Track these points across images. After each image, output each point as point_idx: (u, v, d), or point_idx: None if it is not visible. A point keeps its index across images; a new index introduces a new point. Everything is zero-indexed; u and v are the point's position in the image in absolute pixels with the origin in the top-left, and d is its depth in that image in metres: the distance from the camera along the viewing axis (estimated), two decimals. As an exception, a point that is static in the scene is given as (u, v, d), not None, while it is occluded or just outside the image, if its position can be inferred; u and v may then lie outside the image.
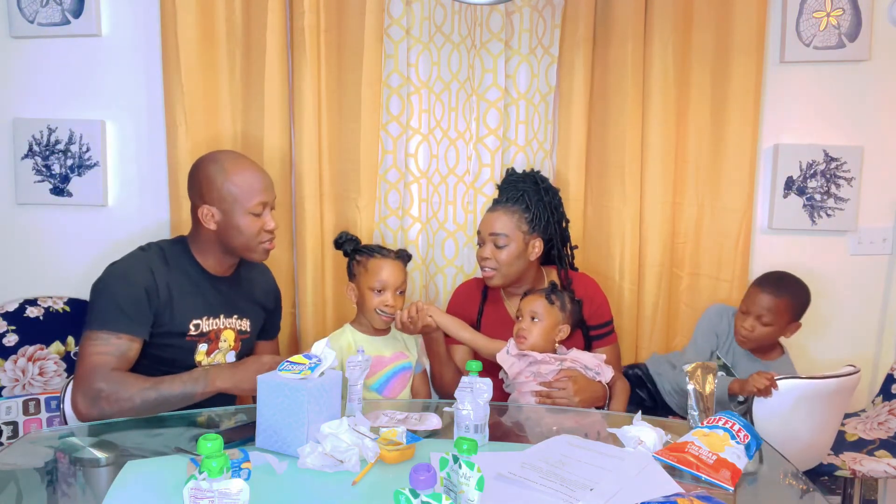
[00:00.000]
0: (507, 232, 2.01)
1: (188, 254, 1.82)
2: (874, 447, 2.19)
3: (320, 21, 2.28)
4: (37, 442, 1.53)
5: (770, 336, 2.08)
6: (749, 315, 2.07)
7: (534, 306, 1.93)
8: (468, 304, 2.14)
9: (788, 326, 2.08)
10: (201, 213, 1.77)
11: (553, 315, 1.93)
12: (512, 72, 2.39)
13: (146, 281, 1.70)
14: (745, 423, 1.50)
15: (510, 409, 1.86)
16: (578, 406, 1.86)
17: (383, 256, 1.97)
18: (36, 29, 2.29)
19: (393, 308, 1.94)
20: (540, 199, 2.07)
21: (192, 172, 1.81)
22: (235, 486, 1.06)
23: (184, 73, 2.22)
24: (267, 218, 1.80)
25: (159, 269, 1.74)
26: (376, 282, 1.94)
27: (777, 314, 2.05)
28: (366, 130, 2.32)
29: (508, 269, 2.03)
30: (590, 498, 1.24)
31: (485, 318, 2.11)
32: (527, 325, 1.93)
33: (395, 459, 1.39)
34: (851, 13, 2.41)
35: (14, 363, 2.21)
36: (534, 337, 1.92)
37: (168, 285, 1.74)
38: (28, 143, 2.34)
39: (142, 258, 1.76)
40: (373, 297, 1.94)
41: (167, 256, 1.79)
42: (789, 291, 2.08)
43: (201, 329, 1.78)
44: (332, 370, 1.48)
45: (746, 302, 2.10)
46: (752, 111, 2.39)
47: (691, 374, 1.68)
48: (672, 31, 2.34)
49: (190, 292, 1.77)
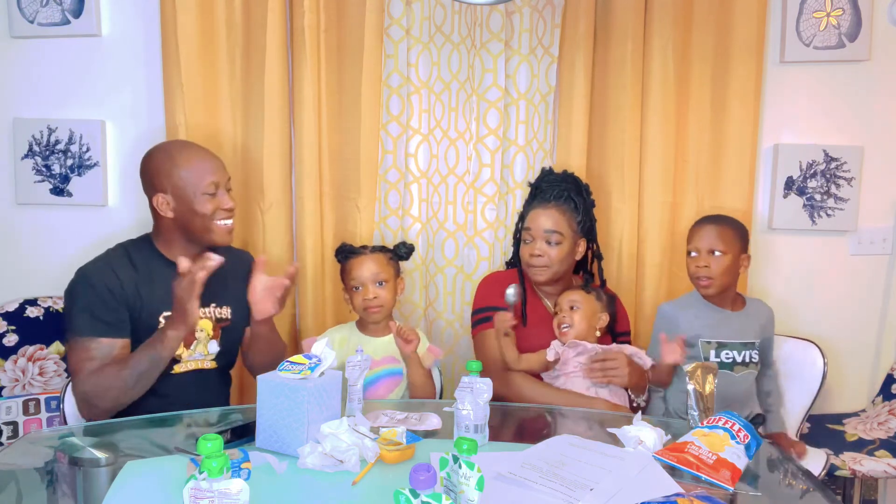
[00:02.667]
0: (561, 230, 2.04)
1: (152, 248, 1.84)
2: (874, 447, 2.19)
3: (320, 21, 2.28)
4: (37, 442, 1.53)
5: (729, 270, 2.02)
6: (700, 253, 2.03)
7: (572, 297, 2.00)
8: (506, 286, 2.08)
9: (741, 257, 2.05)
10: (156, 202, 1.79)
11: (591, 303, 2.00)
12: (512, 72, 2.39)
13: (108, 281, 1.72)
14: (745, 423, 1.50)
15: (510, 409, 1.86)
16: (626, 385, 1.91)
17: (356, 255, 2.03)
18: (36, 29, 2.29)
19: (375, 299, 1.97)
20: (584, 200, 2.12)
21: (142, 166, 1.84)
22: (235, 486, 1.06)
23: (184, 73, 2.22)
24: (223, 198, 1.82)
25: (122, 267, 1.76)
26: (352, 280, 2.01)
27: (727, 242, 2.02)
28: (366, 130, 2.32)
29: (560, 267, 2.06)
30: (590, 498, 1.24)
31: (529, 313, 2.09)
32: (567, 314, 1.97)
33: (395, 459, 1.39)
34: (851, 13, 2.41)
35: (14, 363, 2.21)
36: (577, 324, 1.96)
37: (134, 282, 1.75)
38: (28, 143, 2.34)
39: (104, 260, 1.79)
40: (354, 295, 2.01)
41: (131, 254, 1.81)
42: (728, 221, 2.08)
43: None
44: (332, 370, 1.48)
45: (692, 241, 2.06)
46: (752, 111, 2.40)
47: (691, 374, 1.68)
48: (672, 31, 2.34)
49: (156, 286, 1.77)
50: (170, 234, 1.83)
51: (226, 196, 1.83)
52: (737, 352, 2.05)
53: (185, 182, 1.77)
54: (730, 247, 2.02)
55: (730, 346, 2.05)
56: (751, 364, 2.07)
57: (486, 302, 2.11)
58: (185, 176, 1.77)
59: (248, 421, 1.49)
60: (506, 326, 1.92)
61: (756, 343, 2.08)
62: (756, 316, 2.11)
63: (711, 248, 2.02)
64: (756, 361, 2.08)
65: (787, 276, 2.52)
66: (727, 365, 2.04)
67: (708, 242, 2.02)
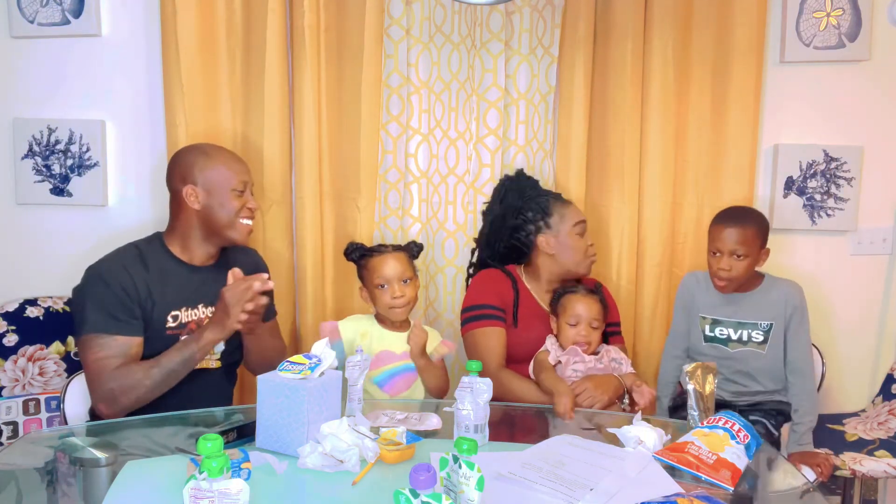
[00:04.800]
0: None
1: (163, 248, 1.86)
2: (874, 447, 2.19)
3: (320, 21, 2.28)
4: (37, 442, 1.53)
5: (749, 269, 2.05)
6: (722, 254, 2.04)
7: (593, 313, 2.00)
8: (501, 286, 2.14)
9: (761, 253, 2.07)
10: (185, 193, 1.83)
11: (604, 318, 2.05)
12: (512, 72, 2.39)
13: (122, 280, 1.74)
14: (745, 423, 1.50)
15: (510, 409, 1.86)
16: (609, 402, 1.89)
17: (380, 253, 2.03)
18: (36, 29, 2.29)
19: (402, 297, 1.97)
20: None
21: (174, 160, 1.90)
22: (235, 486, 1.06)
23: (184, 73, 2.22)
24: (249, 197, 1.89)
25: (134, 266, 1.77)
26: (378, 278, 1.99)
27: (749, 244, 2.03)
28: (366, 130, 2.32)
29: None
30: (590, 498, 1.24)
31: (521, 310, 2.11)
32: (587, 332, 1.99)
33: (395, 459, 1.39)
34: (851, 13, 2.41)
35: (14, 363, 2.21)
36: (594, 344, 2.00)
37: (145, 281, 1.76)
38: (28, 143, 2.34)
39: (116, 258, 1.80)
40: (380, 293, 1.99)
41: (142, 253, 1.82)
42: (752, 219, 2.07)
43: (180, 320, 1.80)
44: (332, 370, 1.48)
45: (715, 242, 2.06)
46: (752, 111, 2.39)
47: (691, 374, 1.68)
48: (672, 31, 2.34)
49: (167, 285, 1.79)
50: (188, 230, 1.85)
51: (251, 197, 1.91)
52: (732, 329, 2.10)
53: (218, 176, 1.84)
54: (751, 249, 2.04)
55: (725, 324, 2.10)
56: (750, 342, 2.09)
57: (478, 300, 2.12)
58: (219, 171, 1.84)
59: (249, 421, 1.49)
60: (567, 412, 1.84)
61: (762, 324, 2.08)
62: (771, 298, 2.09)
63: (734, 251, 2.03)
64: (759, 341, 2.08)
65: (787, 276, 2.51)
66: (721, 340, 2.10)
67: (731, 245, 2.03)
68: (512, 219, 2.20)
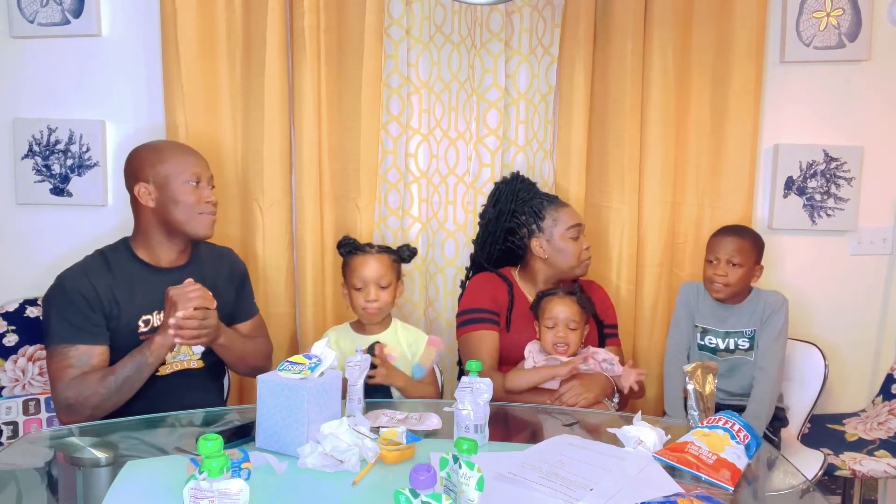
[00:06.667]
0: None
1: (129, 252, 1.83)
2: (874, 447, 2.19)
3: (320, 21, 2.28)
4: (37, 442, 1.53)
5: (743, 279, 2.12)
6: (719, 262, 2.12)
7: (570, 314, 1.99)
8: (497, 290, 2.16)
9: (755, 268, 2.14)
10: (138, 191, 1.79)
11: (584, 318, 2.02)
12: (512, 72, 2.39)
13: (82, 288, 1.71)
14: (745, 423, 1.50)
15: (510, 409, 1.86)
16: (595, 399, 1.91)
17: (364, 253, 2.01)
18: (36, 29, 2.29)
19: (375, 302, 1.95)
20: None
21: (127, 160, 1.85)
22: (235, 486, 1.06)
23: (184, 73, 2.22)
24: (206, 191, 1.83)
25: (98, 273, 1.75)
26: (356, 278, 1.98)
27: (745, 254, 2.11)
28: (366, 130, 2.32)
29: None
30: (590, 498, 1.24)
31: (515, 313, 2.13)
32: (565, 333, 1.98)
33: (395, 459, 1.39)
34: (851, 13, 2.41)
35: (14, 363, 2.21)
36: (573, 345, 1.99)
37: (110, 287, 1.74)
38: (28, 143, 2.34)
39: (79, 266, 1.78)
40: (356, 294, 1.98)
41: (108, 259, 1.80)
42: (748, 234, 2.17)
43: (152, 324, 1.78)
44: (332, 370, 1.48)
45: (713, 251, 2.14)
46: (752, 111, 2.39)
47: (691, 374, 1.68)
48: (672, 31, 2.34)
49: (134, 290, 1.77)
50: (150, 231, 1.81)
51: (208, 190, 1.84)
52: (720, 339, 2.16)
53: (167, 170, 1.78)
54: (746, 259, 2.11)
55: (713, 333, 2.17)
56: (738, 350, 2.15)
57: (473, 304, 2.14)
58: (168, 165, 1.79)
59: (248, 421, 1.49)
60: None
61: (747, 331, 2.14)
62: (754, 307, 2.15)
63: (730, 259, 2.10)
64: (745, 348, 2.14)
65: (787, 276, 2.52)
66: (710, 349, 2.18)
67: (727, 253, 2.11)
68: (505, 222, 2.21)
